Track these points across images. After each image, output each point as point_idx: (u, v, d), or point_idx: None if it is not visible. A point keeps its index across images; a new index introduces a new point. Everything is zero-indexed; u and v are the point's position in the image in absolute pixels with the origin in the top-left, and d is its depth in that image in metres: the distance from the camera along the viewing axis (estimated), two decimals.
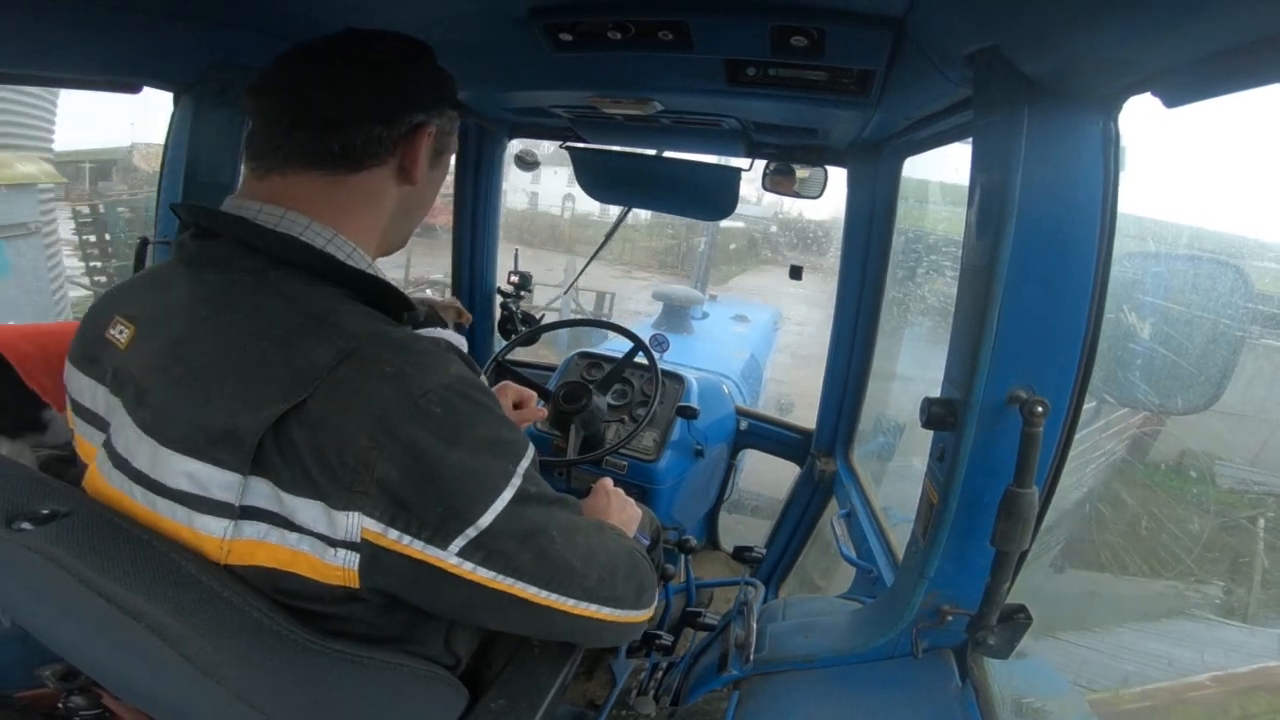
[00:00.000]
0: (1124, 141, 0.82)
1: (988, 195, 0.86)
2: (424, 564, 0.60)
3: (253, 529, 0.60)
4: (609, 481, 1.04)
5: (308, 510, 0.58)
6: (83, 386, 0.71)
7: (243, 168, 0.73)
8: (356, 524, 0.58)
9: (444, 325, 1.51)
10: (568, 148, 1.98)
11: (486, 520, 0.61)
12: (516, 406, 1.20)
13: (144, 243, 1.45)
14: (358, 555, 0.59)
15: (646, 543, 1.02)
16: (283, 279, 0.65)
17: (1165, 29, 0.60)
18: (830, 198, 1.88)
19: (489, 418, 0.64)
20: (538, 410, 1.21)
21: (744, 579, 1.34)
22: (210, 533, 0.60)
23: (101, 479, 0.66)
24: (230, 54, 1.29)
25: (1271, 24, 0.53)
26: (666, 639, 1.32)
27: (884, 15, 0.84)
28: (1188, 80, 0.66)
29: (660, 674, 1.26)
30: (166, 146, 1.43)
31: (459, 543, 0.60)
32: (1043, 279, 0.84)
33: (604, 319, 2.03)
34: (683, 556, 1.59)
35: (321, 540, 0.59)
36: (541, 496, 0.67)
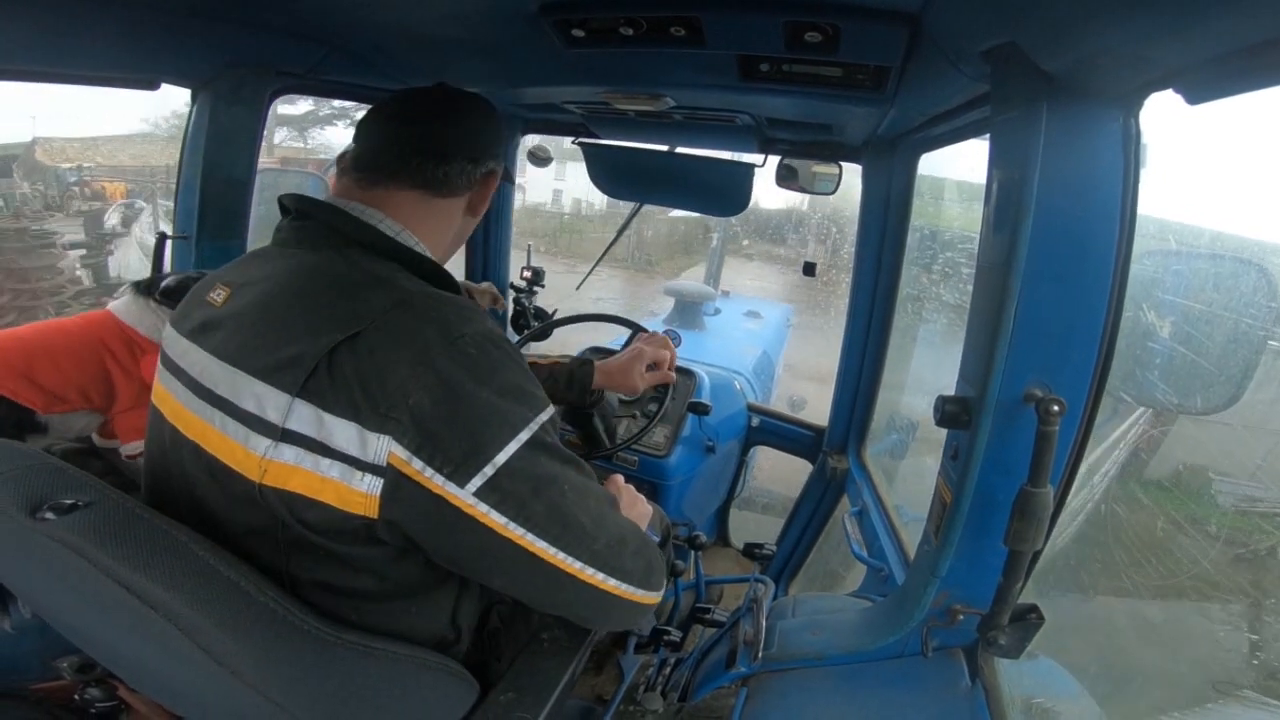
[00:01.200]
0: (1145, 139, 0.81)
1: (1005, 192, 0.85)
2: (442, 500, 0.65)
3: (291, 453, 0.65)
4: (620, 478, 1.04)
5: (344, 431, 0.64)
6: (173, 340, 0.80)
7: (337, 172, 0.87)
8: (385, 448, 0.64)
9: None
10: (580, 143, 1.98)
11: (503, 457, 0.66)
12: (651, 368, 1.45)
13: (162, 238, 1.48)
14: (382, 481, 0.64)
15: (657, 540, 1.02)
16: (357, 255, 0.77)
17: (1187, 25, 0.58)
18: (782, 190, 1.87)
19: (516, 369, 0.72)
20: (667, 375, 1.48)
21: (754, 576, 1.34)
22: (255, 451, 0.66)
23: (186, 410, 0.74)
24: (248, 53, 1.30)
25: None
26: (675, 635, 1.33)
27: (900, 11, 0.83)
28: (1210, 77, 0.65)
29: (668, 670, 1.26)
30: (184, 143, 1.45)
31: (476, 481, 0.65)
32: (1060, 277, 0.83)
33: (619, 315, 2.03)
34: (693, 553, 1.59)
35: (351, 464, 0.64)
36: (557, 450, 0.73)
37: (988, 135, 0.92)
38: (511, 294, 2.36)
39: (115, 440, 1.33)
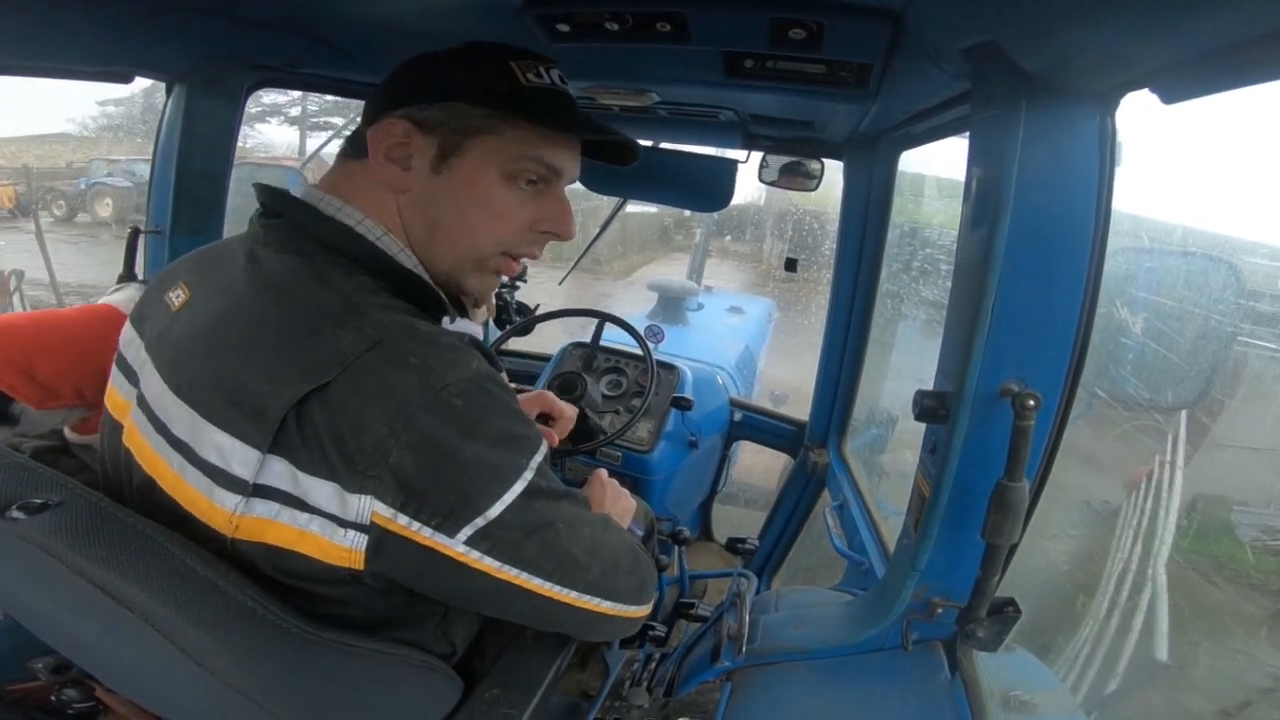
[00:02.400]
0: (1121, 138, 0.82)
1: (983, 189, 0.86)
2: (430, 550, 0.61)
3: (264, 507, 0.61)
4: (604, 473, 1.04)
5: (321, 490, 0.60)
6: (130, 339, 0.75)
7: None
8: (368, 507, 0.59)
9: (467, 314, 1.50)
10: None
11: (496, 511, 0.62)
12: (542, 419, 1.23)
13: (135, 233, 1.44)
14: (366, 537, 0.61)
15: (640, 534, 1.02)
16: (327, 266, 0.68)
17: (1164, 25, 0.60)
18: (743, 185, 1.87)
19: (506, 413, 0.66)
20: (550, 432, 1.22)
21: (737, 570, 1.35)
22: (224, 506, 0.62)
23: (141, 438, 0.69)
24: (225, 45, 1.27)
25: (1271, 20, 0.53)
26: (660, 630, 1.33)
27: (882, 8, 0.84)
28: (1185, 77, 0.66)
29: (653, 665, 1.27)
30: (158, 136, 1.42)
31: (466, 531, 0.62)
32: (1036, 273, 0.84)
33: (602, 311, 2.03)
34: (676, 548, 1.60)
35: (332, 521, 0.60)
36: (551, 491, 0.69)
37: (967, 133, 0.93)
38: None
39: (93, 436, 1.29)
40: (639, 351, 1.99)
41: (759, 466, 3.25)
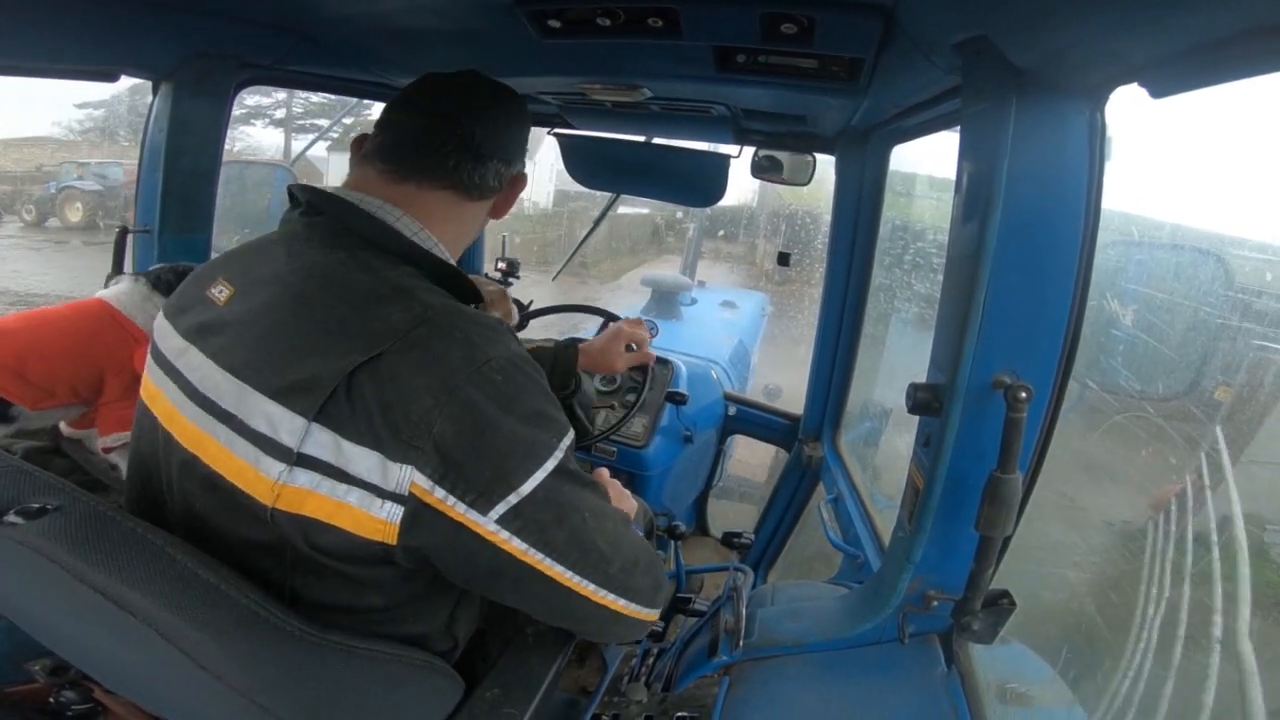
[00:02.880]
0: (1110, 133, 0.83)
1: (974, 183, 0.87)
2: (462, 527, 0.63)
3: (306, 477, 0.63)
4: (605, 472, 1.04)
5: (365, 460, 0.62)
6: (166, 333, 0.76)
7: (354, 160, 0.83)
8: (408, 478, 0.62)
9: None
10: (556, 134, 1.96)
11: (528, 487, 0.65)
12: (630, 349, 1.47)
13: (123, 232, 1.43)
14: (402, 509, 0.62)
15: (640, 533, 1.03)
16: (372, 258, 0.72)
17: (1153, 20, 0.60)
18: (736, 185, 1.86)
19: (540, 393, 0.70)
20: (648, 354, 1.50)
21: (733, 565, 1.35)
22: (268, 474, 0.63)
23: (183, 417, 0.70)
24: (213, 43, 1.26)
25: (1257, 15, 0.54)
26: (657, 625, 1.33)
27: (874, 3, 0.84)
28: (1173, 71, 0.67)
29: (651, 660, 1.27)
30: (145, 135, 1.40)
31: (500, 509, 0.64)
32: (1027, 266, 0.85)
33: (594, 306, 2.04)
34: (673, 543, 1.60)
35: (371, 491, 0.62)
36: (578, 476, 0.72)
37: (958, 128, 0.94)
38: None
39: (89, 430, 1.28)
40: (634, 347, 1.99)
41: (745, 460, 3.26)
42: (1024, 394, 0.81)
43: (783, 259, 2.57)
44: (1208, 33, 0.59)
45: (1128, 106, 0.79)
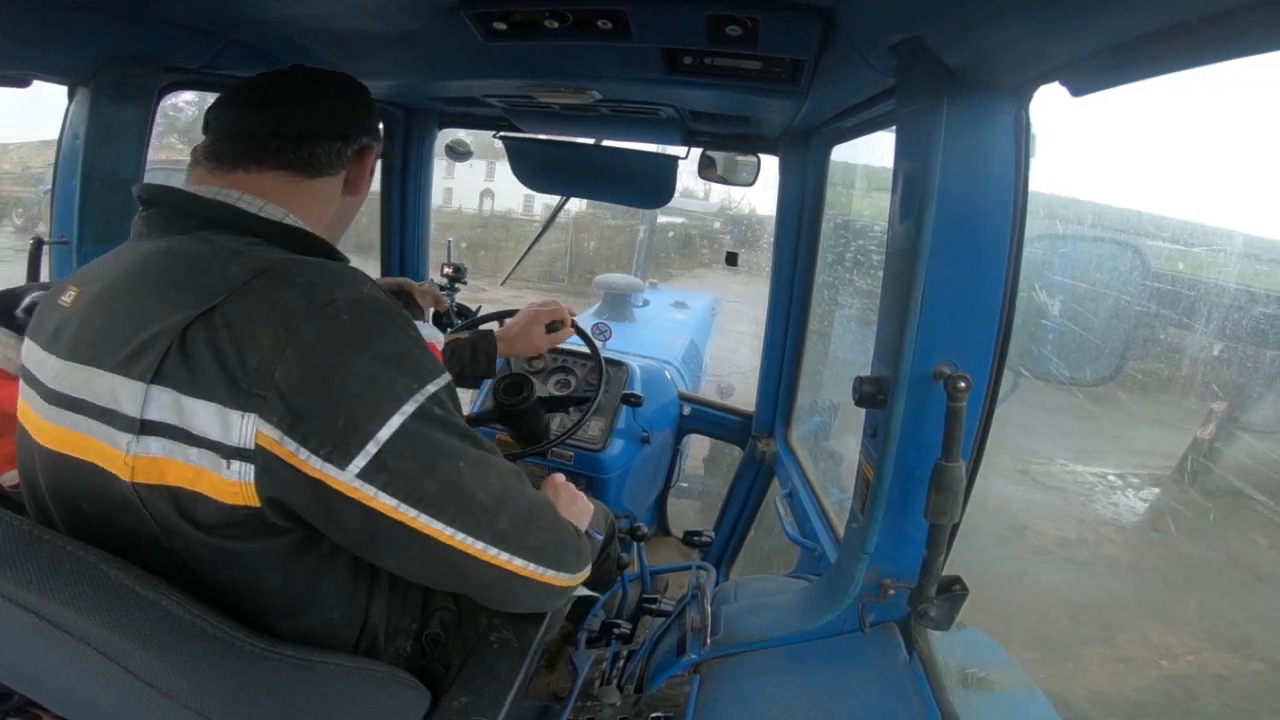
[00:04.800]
0: (1035, 129, 0.87)
1: (910, 181, 0.90)
2: (320, 483, 0.60)
3: (156, 445, 0.60)
4: (560, 476, 1.03)
5: (204, 413, 0.59)
6: (30, 351, 0.74)
7: (189, 166, 0.80)
8: (251, 428, 0.58)
9: (421, 315, 1.45)
10: (502, 137, 1.94)
11: (385, 433, 0.61)
12: (554, 327, 1.45)
13: (38, 243, 1.34)
14: (252, 466, 0.59)
15: (600, 538, 1.02)
16: (211, 234, 0.70)
17: (1071, 22, 0.64)
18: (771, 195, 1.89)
19: (401, 337, 0.65)
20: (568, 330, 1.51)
21: (696, 563, 1.36)
22: (117, 447, 0.61)
23: (44, 422, 0.67)
24: (133, 46, 1.20)
25: (1161, 18, 0.58)
26: (625, 627, 1.33)
27: (814, 5, 0.86)
28: (1091, 70, 0.71)
29: (622, 662, 1.27)
30: (60, 143, 1.32)
31: (359, 461, 0.60)
32: (962, 260, 0.88)
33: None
34: (635, 544, 1.60)
35: (216, 451, 0.59)
36: (450, 423, 0.66)
37: (894, 127, 0.97)
38: None
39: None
40: (586, 350, 1.99)
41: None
42: (963, 384, 0.84)
43: (730, 259, 2.60)
44: (1119, 33, 0.63)
45: (1051, 100, 0.83)
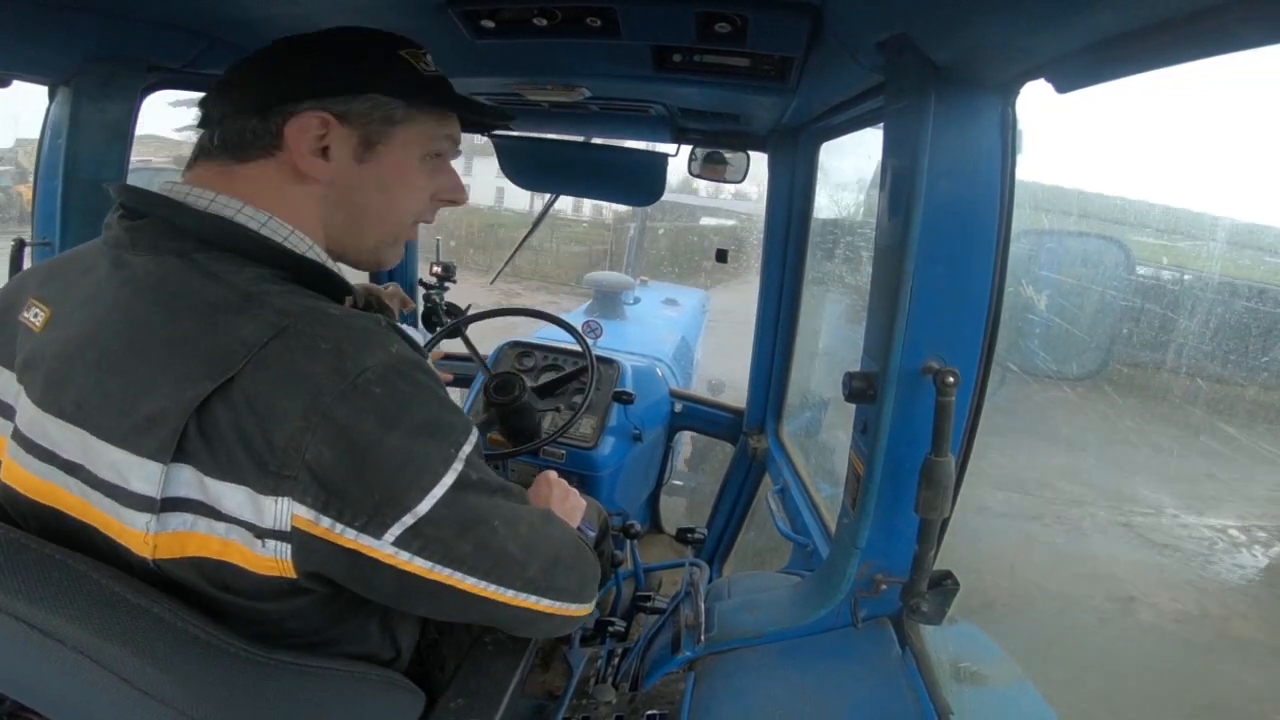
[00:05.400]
0: (1021, 125, 0.88)
1: (898, 177, 0.90)
2: (357, 553, 0.58)
3: (178, 520, 0.56)
4: (552, 474, 1.03)
5: (233, 496, 0.55)
6: None
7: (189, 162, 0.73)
8: (286, 511, 0.55)
9: (392, 317, 1.45)
10: (491, 135, 1.93)
11: (425, 507, 0.59)
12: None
13: (20, 245, 1.32)
14: (289, 545, 0.57)
15: (593, 534, 1.02)
16: (210, 261, 0.62)
17: (1056, 19, 0.64)
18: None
19: (430, 400, 0.62)
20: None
21: (689, 560, 1.37)
22: (134, 527, 0.57)
23: (24, 472, 0.62)
24: (115, 45, 1.18)
25: (1146, 15, 0.58)
26: (619, 625, 1.33)
27: (802, 2, 0.86)
28: (1076, 67, 0.72)
29: (616, 660, 1.27)
30: (41, 143, 1.30)
31: (395, 531, 0.58)
32: (950, 256, 0.88)
33: (535, 309, 2.02)
34: (629, 542, 1.61)
35: (249, 530, 0.56)
36: (484, 484, 0.65)
37: (882, 124, 0.98)
38: (421, 291, 2.28)
39: None
40: (577, 348, 1.99)
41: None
42: (951, 378, 0.84)
43: (720, 256, 2.61)
44: (1103, 30, 0.63)
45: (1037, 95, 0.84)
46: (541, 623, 0.74)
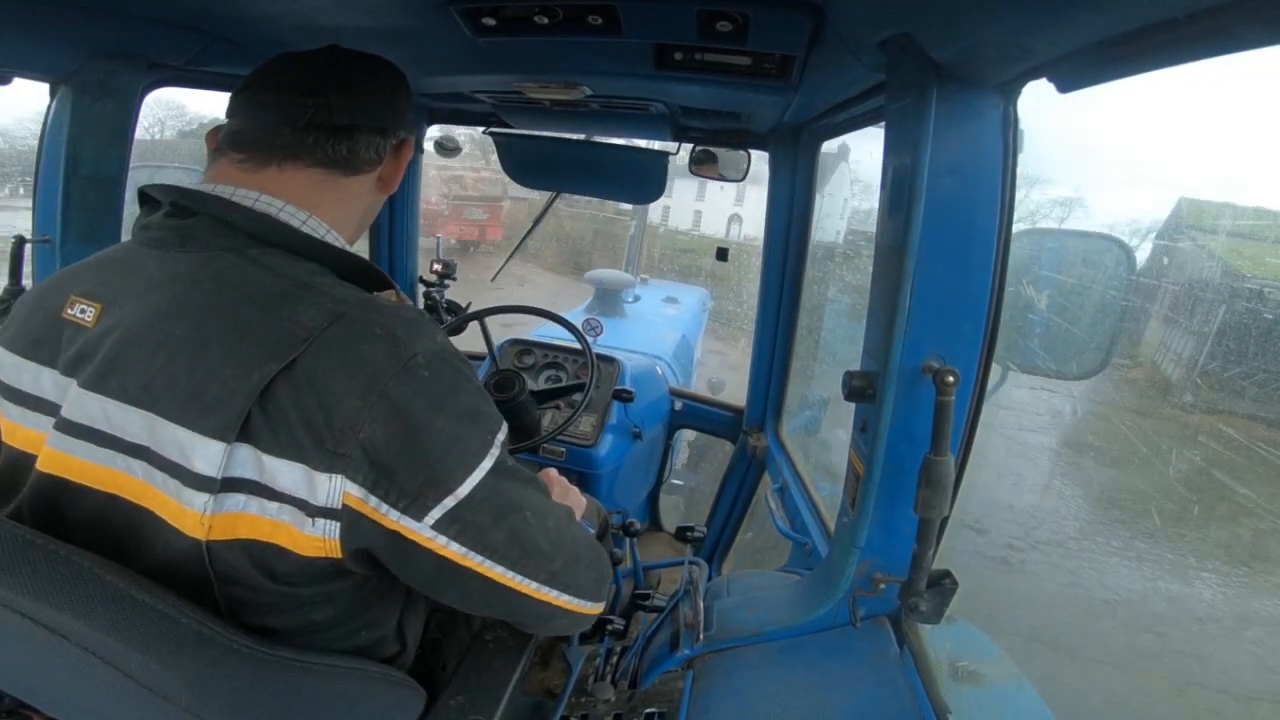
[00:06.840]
0: (1021, 125, 0.88)
1: (899, 176, 0.90)
2: (396, 534, 0.60)
3: (233, 501, 0.58)
4: (552, 471, 1.03)
5: (289, 474, 0.58)
6: (22, 371, 0.67)
7: (208, 153, 0.75)
8: (339, 489, 0.58)
9: None
10: (491, 133, 1.93)
11: (465, 490, 0.62)
12: None
13: (20, 242, 1.32)
14: (338, 524, 0.59)
15: (593, 532, 1.02)
16: (263, 255, 0.66)
17: (1059, 18, 0.64)
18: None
19: (470, 387, 0.66)
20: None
21: (688, 559, 1.37)
22: (192, 507, 0.58)
23: (77, 459, 0.62)
24: (116, 42, 1.18)
25: (1148, 14, 0.58)
26: (618, 623, 1.34)
27: (804, 1, 0.86)
28: (1077, 66, 0.72)
29: (615, 658, 1.27)
30: (42, 140, 1.30)
31: (435, 514, 0.61)
32: (950, 255, 0.88)
33: (535, 306, 2.02)
34: (628, 540, 1.61)
35: (300, 509, 0.58)
36: (517, 472, 0.69)
37: (883, 123, 0.98)
38: (421, 288, 2.29)
39: None
40: (577, 346, 1.99)
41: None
42: (951, 377, 0.84)
43: (721, 254, 2.62)
44: (1106, 29, 0.63)
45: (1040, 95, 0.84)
46: (560, 618, 0.76)
